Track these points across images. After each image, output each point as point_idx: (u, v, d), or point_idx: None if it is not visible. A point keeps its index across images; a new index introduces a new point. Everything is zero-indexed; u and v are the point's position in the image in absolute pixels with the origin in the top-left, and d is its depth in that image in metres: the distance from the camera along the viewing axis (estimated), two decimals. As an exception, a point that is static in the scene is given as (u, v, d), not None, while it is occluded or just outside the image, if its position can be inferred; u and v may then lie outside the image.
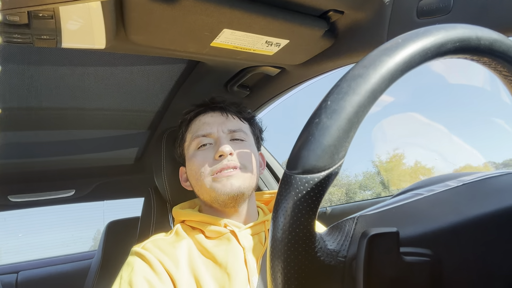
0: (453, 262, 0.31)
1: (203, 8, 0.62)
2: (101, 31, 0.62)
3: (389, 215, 0.33)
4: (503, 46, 0.30)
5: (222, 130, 0.81)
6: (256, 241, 0.75)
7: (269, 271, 0.28)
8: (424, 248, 0.30)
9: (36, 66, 0.84)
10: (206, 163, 0.77)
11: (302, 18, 0.72)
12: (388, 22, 0.70)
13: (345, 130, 0.26)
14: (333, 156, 0.26)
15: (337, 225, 0.31)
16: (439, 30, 0.28)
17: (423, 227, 0.31)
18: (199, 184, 0.78)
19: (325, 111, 0.27)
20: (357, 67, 0.28)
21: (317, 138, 0.26)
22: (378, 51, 0.29)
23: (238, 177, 0.76)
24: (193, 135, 0.81)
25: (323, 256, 0.28)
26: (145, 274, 0.66)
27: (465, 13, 0.59)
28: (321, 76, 0.96)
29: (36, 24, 0.56)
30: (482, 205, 0.32)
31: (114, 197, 2.03)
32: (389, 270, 0.28)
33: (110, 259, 1.48)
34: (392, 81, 0.28)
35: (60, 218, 6.79)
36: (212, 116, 0.84)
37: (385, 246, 0.28)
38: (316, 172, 0.26)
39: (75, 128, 1.21)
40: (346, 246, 0.29)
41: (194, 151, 0.80)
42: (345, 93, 0.27)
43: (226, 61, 0.86)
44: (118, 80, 0.97)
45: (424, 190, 0.36)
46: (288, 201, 0.26)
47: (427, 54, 0.28)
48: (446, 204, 0.34)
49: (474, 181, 0.36)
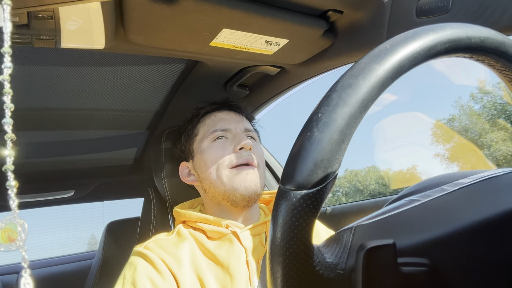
0: (451, 271, 0.31)
1: (202, 8, 0.62)
2: (101, 31, 0.62)
3: (386, 224, 0.33)
4: (495, 42, 0.30)
5: (240, 127, 0.82)
6: (257, 242, 0.75)
7: (270, 286, 0.28)
8: (422, 258, 0.30)
9: (34, 66, 0.84)
10: (225, 154, 0.77)
11: (301, 17, 0.72)
12: (387, 21, 0.71)
13: (337, 142, 0.26)
14: (326, 169, 0.26)
15: (335, 237, 0.31)
16: (427, 32, 0.28)
17: (419, 236, 0.31)
18: (214, 177, 0.77)
19: (317, 124, 0.27)
20: (346, 77, 0.28)
21: (309, 152, 0.26)
22: (366, 58, 0.28)
23: (256, 176, 0.77)
24: (209, 129, 0.82)
25: (322, 270, 0.28)
26: (148, 274, 0.66)
27: (464, 12, 0.59)
28: (320, 76, 0.96)
29: (36, 25, 0.56)
30: (479, 210, 0.32)
31: (114, 197, 2.03)
32: (388, 282, 0.28)
33: (111, 259, 1.48)
34: (382, 88, 0.27)
35: (60, 219, 6.75)
36: (228, 113, 0.85)
37: (382, 259, 0.28)
38: (310, 187, 0.26)
39: (74, 128, 1.20)
40: (344, 258, 0.29)
41: (210, 143, 0.80)
42: (335, 105, 0.27)
43: (225, 60, 0.86)
44: (117, 80, 0.97)
45: (420, 196, 0.36)
46: (283, 217, 0.26)
47: (416, 58, 0.28)
48: (442, 211, 0.33)
49: (471, 184, 0.35)
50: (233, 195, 0.75)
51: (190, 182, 0.86)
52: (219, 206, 0.80)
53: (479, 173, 0.38)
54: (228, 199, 0.76)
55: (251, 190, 0.75)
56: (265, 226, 0.79)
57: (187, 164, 0.86)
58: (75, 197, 1.78)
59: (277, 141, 26.55)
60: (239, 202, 0.76)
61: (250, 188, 0.75)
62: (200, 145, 0.82)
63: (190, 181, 0.85)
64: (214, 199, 0.80)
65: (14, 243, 0.27)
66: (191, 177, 0.85)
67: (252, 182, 0.76)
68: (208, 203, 0.83)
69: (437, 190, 0.36)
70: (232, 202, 0.76)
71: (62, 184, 1.66)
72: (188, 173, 0.86)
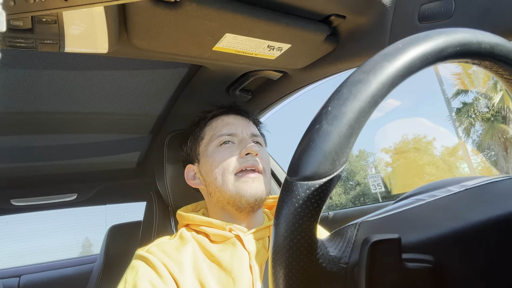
0: (455, 268, 0.30)
1: (205, 13, 0.62)
2: (104, 36, 0.62)
3: (391, 221, 0.33)
4: (504, 49, 0.30)
5: (246, 132, 0.82)
6: (260, 246, 0.75)
7: (271, 277, 0.28)
8: (426, 255, 0.30)
9: (38, 70, 0.85)
10: (231, 159, 0.77)
11: (304, 22, 0.72)
12: (390, 26, 0.71)
13: (346, 136, 0.26)
14: (334, 162, 0.26)
15: (339, 232, 0.31)
16: (439, 35, 0.28)
17: (425, 233, 0.31)
18: (219, 182, 0.77)
19: (326, 117, 0.27)
20: (358, 73, 0.28)
21: (318, 144, 0.26)
22: (378, 56, 0.28)
23: (261, 182, 0.77)
24: (216, 133, 0.82)
25: (325, 263, 0.28)
26: (150, 278, 0.66)
27: (466, 18, 0.59)
28: (323, 80, 0.96)
29: (40, 29, 0.56)
30: (485, 210, 0.32)
31: (116, 201, 2.03)
32: (391, 277, 0.28)
33: (112, 263, 1.48)
34: (392, 86, 0.27)
35: (62, 223, 6.77)
36: (235, 118, 0.85)
37: (387, 253, 0.28)
38: (317, 178, 0.26)
39: (78, 132, 1.21)
40: (348, 252, 0.29)
41: (216, 148, 0.80)
42: (345, 99, 0.27)
43: (228, 65, 0.86)
44: (120, 84, 0.97)
45: (426, 196, 0.36)
46: (289, 208, 0.26)
47: (427, 59, 0.28)
48: (448, 210, 0.33)
49: (477, 186, 0.36)
50: (239, 201, 0.75)
51: (195, 185, 0.85)
52: (223, 210, 0.80)
53: (485, 178, 0.38)
54: (233, 204, 0.76)
55: (257, 197, 0.75)
56: (268, 230, 0.78)
57: (193, 167, 0.86)
58: (78, 200, 1.79)
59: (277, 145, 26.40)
60: (244, 207, 0.76)
61: (256, 195, 0.75)
62: (206, 148, 0.82)
63: (195, 184, 0.85)
64: (219, 204, 0.79)
65: None
66: (196, 180, 0.85)
67: (258, 189, 0.76)
68: (213, 207, 0.82)
69: (443, 190, 0.37)
70: (237, 208, 0.76)
71: (65, 188, 1.67)
72: (194, 176, 0.86)
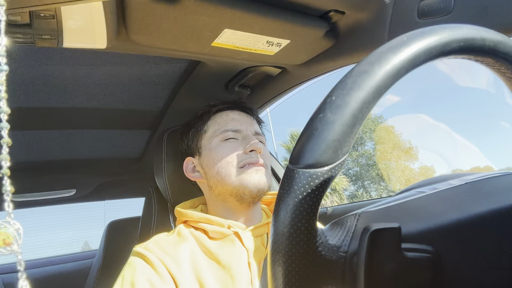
0: (455, 259, 0.31)
1: (204, 8, 0.62)
2: (103, 31, 0.62)
3: (391, 211, 0.34)
4: (507, 47, 0.30)
5: (250, 130, 0.83)
6: (258, 244, 0.75)
7: (270, 264, 0.28)
8: (426, 245, 0.30)
9: (36, 66, 0.84)
10: (234, 154, 0.78)
11: (303, 18, 0.72)
12: (389, 22, 0.70)
13: (349, 125, 0.26)
14: (336, 151, 0.26)
15: (339, 221, 0.32)
16: (444, 29, 0.29)
17: (425, 224, 0.31)
18: (222, 174, 0.78)
19: (330, 106, 0.27)
20: (363, 63, 0.28)
21: (321, 132, 0.26)
22: (383, 48, 0.29)
23: (264, 174, 0.78)
24: (220, 128, 0.82)
25: (324, 251, 0.28)
26: (147, 275, 0.66)
27: (466, 14, 0.59)
28: (322, 76, 0.96)
29: (38, 24, 0.56)
30: (485, 203, 0.32)
31: (115, 196, 2.03)
32: (390, 266, 0.29)
33: (111, 258, 1.49)
34: (397, 78, 0.28)
35: (61, 218, 6.78)
36: (240, 114, 0.86)
37: (386, 242, 0.29)
38: (319, 166, 0.26)
39: (77, 128, 1.21)
40: (347, 241, 0.29)
41: (220, 142, 0.81)
42: (350, 89, 0.27)
43: (227, 61, 0.86)
44: (119, 80, 0.97)
45: (427, 189, 0.36)
46: (290, 195, 0.26)
47: (432, 52, 0.28)
48: (448, 202, 0.34)
49: (477, 180, 0.36)
50: (242, 192, 0.76)
51: (194, 178, 0.85)
52: (224, 203, 0.80)
53: (485, 173, 0.38)
54: (236, 195, 0.77)
55: (260, 187, 0.76)
56: (267, 227, 0.79)
57: (193, 160, 0.86)
58: (77, 196, 1.79)
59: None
60: (246, 198, 0.76)
61: (259, 185, 0.76)
62: (209, 142, 0.82)
63: (194, 177, 0.85)
64: (220, 196, 0.80)
65: (9, 246, 0.27)
66: (195, 173, 0.85)
67: (261, 180, 0.77)
68: (213, 201, 0.82)
69: (444, 184, 0.37)
70: (239, 199, 0.77)
71: (63, 183, 1.67)
72: (193, 169, 0.86)
